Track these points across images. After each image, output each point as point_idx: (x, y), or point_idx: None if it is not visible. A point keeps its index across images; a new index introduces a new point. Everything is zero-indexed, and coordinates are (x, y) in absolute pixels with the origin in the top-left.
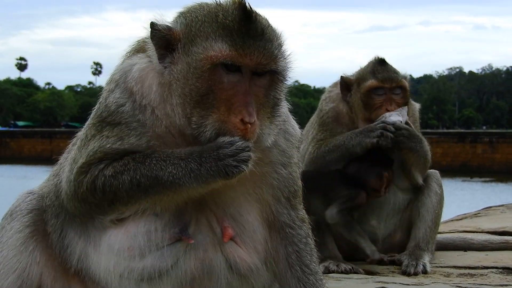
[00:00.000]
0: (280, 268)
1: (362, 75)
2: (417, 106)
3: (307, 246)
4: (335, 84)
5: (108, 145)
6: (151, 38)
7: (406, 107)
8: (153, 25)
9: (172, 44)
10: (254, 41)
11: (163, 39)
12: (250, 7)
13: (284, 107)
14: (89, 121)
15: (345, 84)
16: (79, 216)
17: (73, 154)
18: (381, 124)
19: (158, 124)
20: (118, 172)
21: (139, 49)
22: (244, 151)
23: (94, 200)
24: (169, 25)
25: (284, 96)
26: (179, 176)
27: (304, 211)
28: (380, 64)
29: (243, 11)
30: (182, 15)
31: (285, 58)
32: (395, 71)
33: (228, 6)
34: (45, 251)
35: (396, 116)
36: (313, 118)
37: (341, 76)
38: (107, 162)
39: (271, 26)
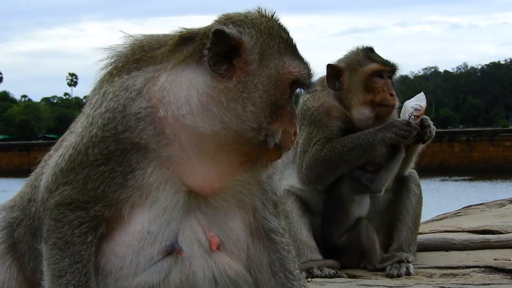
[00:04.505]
0: (263, 276)
1: (356, 61)
2: None
3: (290, 253)
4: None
5: (110, 194)
6: (212, 43)
7: (422, 93)
8: (220, 31)
9: (235, 53)
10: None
11: (226, 47)
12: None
13: None
14: (93, 129)
15: (335, 71)
16: None
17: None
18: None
19: (192, 132)
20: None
21: (137, 61)
22: None
23: None
24: (238, 32)
25: None
26: None
27: (284, 221)
28: (371, 51)
29: (284, 27)
30: (240, 25)
31: None
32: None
33: (274, 21)
34: (22, 266)
35: (416, 101)
36: None
37: (329, 64)
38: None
39: None
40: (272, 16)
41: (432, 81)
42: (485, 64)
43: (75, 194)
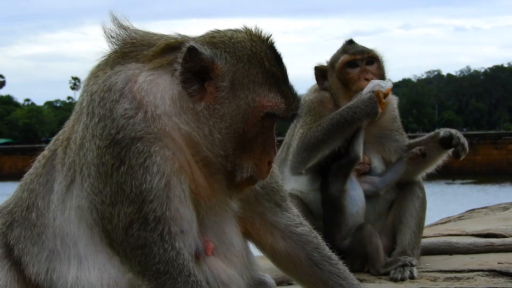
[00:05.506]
0: (304, 266)
1: (334, 58)
2: (394, 100)
3: (317, 238)
4: (313, 85)
5: (144, 187)
6: (184, 59)
7: (389, 79)
8: (194, 49)
9: (207, 76)
10: (293, 90)
11: (198, 67)
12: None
13: None
14: (96, 140)
15: (320, 72)
16: None
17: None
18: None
19: (175, 132)
20: None
21: (123, 55)
22: None
23: None
24: (211, 55)
25: None
26: None
27: (295, 209)
28: (349, 43)
29: (276, 54)
30: (219, 47)
31: None
32: (365, 47)
33: (263, 48)
34: (23, 270)
35: (381, 82)
36: None
37: (315, 66)
38: None
39: None
40: (265, 40)
41: (435, 84)
42: (489, 67)
43: (125, 208)
